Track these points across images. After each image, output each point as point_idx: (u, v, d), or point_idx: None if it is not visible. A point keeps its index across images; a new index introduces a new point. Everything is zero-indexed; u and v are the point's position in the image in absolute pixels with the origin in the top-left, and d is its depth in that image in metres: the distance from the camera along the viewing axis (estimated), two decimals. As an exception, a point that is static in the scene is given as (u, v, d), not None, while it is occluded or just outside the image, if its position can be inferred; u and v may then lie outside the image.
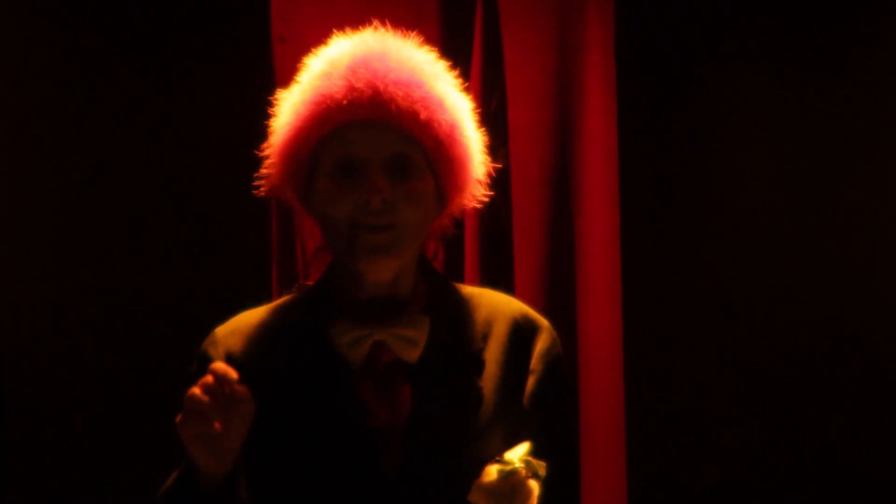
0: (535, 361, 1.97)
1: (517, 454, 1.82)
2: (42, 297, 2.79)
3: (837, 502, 2.95)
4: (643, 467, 2.87)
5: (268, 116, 1.99)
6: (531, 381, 1.96)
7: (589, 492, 2.77)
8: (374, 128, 1.90)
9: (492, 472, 1.80)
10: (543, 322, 2.02)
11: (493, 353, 1.95)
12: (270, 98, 1.98)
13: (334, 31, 2.03)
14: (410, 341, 1.92)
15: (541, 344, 1.99)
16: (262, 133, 1.99)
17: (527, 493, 1.80)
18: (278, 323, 1.98)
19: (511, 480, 1.79)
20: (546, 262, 2.81)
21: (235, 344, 1.95)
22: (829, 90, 2.98)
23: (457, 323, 1.97)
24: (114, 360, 2.79)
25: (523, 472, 1.80)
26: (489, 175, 2.03)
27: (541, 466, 1.81)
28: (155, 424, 2.30)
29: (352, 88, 1.90)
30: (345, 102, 1.89)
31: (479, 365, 1.94)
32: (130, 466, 2.73)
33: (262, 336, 1.97)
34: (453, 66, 2.00)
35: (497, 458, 1.83)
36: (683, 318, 2.95)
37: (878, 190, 2.98)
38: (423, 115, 1.90)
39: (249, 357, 1.94)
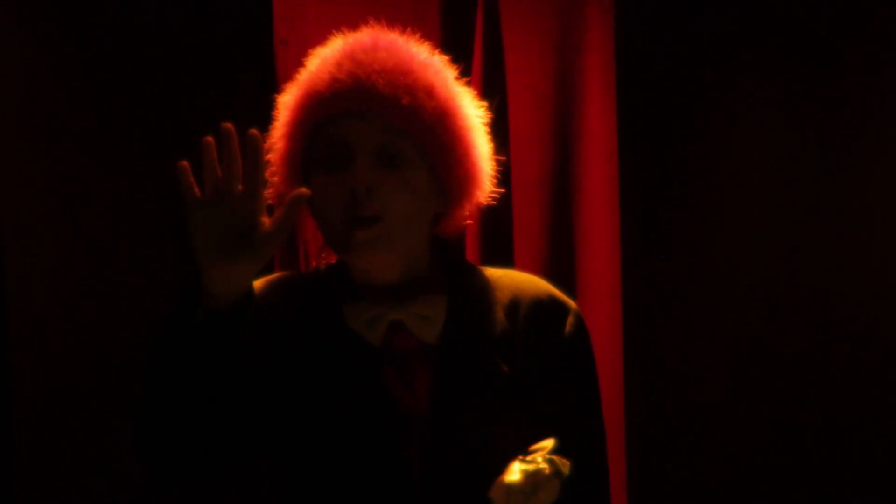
0: (563, 347, 1.93)
1: (542, 451, 1.78)
2: (47, 295, 2.79)
3: (838, 502, 2.96)
4: (643, 465, 2.88)
5: (271, 120, 2.00)
6: (559, 369, 1.92)
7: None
8: (359, 118, 1.88)
9: (515, 469, 1.77)
10: (571, 304, 1.97)
11: (518, 337, 1.91)
12: (273, 101, 1.99)
13: (336, 33, 2.04)
14: (428, 320, 1.88)
15: (568, 328, 1.94)
16: (265, 137, 1.99)
17: (549, 491, 1.76)
18: (297, 301, 1.94)
19: (534, 479, 1.77)
20: (546, 262, 2.81)
21: (268, 300, 1.91)
22: (830, 91, 2.98)
23: (479, 304, 1.93)
24: (117, 360, 2.79)
25: (547, 471, 1.78)
26: (493, 172, 2.02)
27: (565, 465, 1.76)
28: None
29: (335, 80, 1.89)
30: (328, 95, 1.89)
31: (503, 348, 1.90)
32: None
33: (287, 307, 1.93)
34: (454, 68, 2.00)
35: (521, 456, 1.80)
36: (683, 316, 2.96)
37: (879, 190, 2.99)
38: (406, 101, 1.87)
39: (275, 321, 1.90)
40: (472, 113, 1.97)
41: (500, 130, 2.06)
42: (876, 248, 2.99)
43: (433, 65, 1.95)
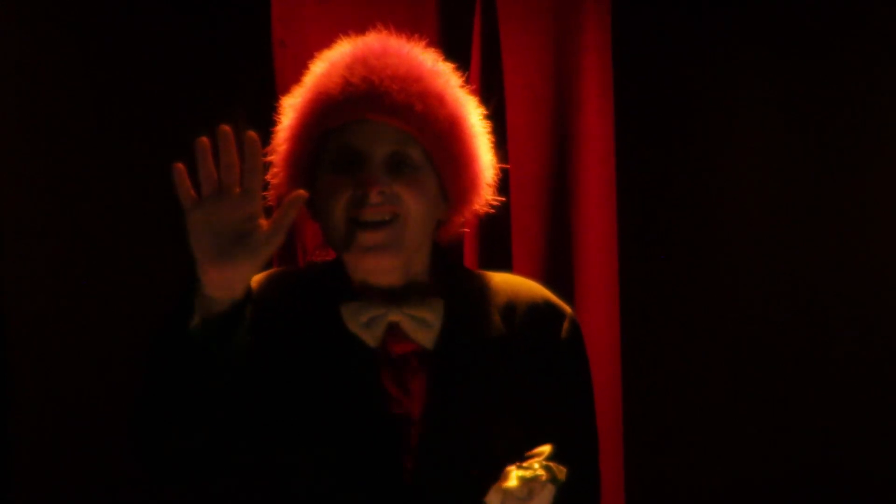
0: (558, 351, 1.94)
1: (538, 457, 1.79)
2: (46, 295, 2.80)
3: (837, 502, 2.96)
4: (640, 466, 2.88)
5: (268, 121, 2.00)
6: (554, 373, 1.93)
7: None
8: (371, 124, 1.89)
9: (512, 475, 1.78)
10: (566, 309, 1.98)
11: (514, 341, 1.92)
12: (271, 102, 1.99)
13: (334, 34, 2.03)
14: (425, 323, 1.89)
15: (564, 333, 1.95)
16: (262, 137, 1.99)
17: (545, 497, 1.76)
18: (294, 299, 1.95)
19: (530, 485, 1.76)
20: (544, 263, 2.81)
21: (265, 296, 1.91)
22: (829, 91, 2.98)
23: (475, 308, 1.93)
24: (116, 360, 2.78)
25: (544, 477, 1.77)
26: (495, 178, 2.01)
27: (561, 471, 1.78)
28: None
29: (348, 84, 1.90)
30: (341, 99, 1.90)
31: (499, 352, 1.91)
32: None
33: (284, 304, 1.93)
34: (458, 75, 2.00)
35: (518, 461, 1.80)
36: (680, 317, 2.96)
37: (879, 190, 2.99)
38: (419, 108, 1.89)
39: (271, 318, 1.90)
40: (477, 121, 1.98)
41: (497, 131, 2.06)
42: (876, 248, 2.99)
43: (441, 72, 1.97)
